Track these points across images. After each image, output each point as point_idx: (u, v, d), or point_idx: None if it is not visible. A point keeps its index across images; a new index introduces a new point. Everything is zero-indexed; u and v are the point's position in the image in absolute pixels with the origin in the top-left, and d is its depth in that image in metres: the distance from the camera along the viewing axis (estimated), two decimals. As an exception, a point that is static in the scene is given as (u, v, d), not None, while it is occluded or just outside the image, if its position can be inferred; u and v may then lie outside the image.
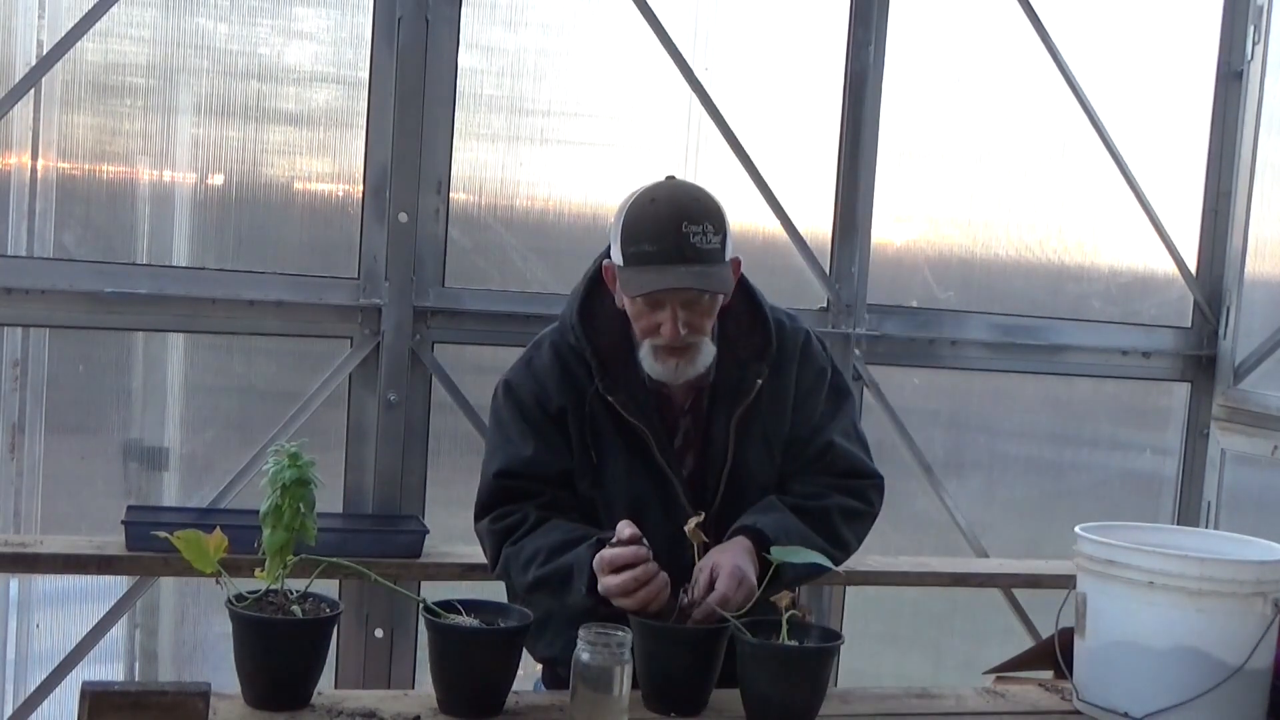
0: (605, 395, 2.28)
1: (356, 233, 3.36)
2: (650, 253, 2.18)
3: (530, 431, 2.31)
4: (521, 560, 2.24)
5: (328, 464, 2.61)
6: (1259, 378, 4.03)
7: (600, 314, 2.34)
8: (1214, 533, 2.35)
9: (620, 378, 2.30)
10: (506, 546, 2.28)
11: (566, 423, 2.31)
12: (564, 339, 2.35)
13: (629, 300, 2.25)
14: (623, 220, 2.24)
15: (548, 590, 2.21)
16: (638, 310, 2.24)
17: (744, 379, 2.33)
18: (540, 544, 2.23)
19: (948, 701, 2.26)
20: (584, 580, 2.13)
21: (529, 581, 2.23)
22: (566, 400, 2.31)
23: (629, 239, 2.21)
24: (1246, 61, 4.08)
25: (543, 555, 2.22)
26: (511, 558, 2.27)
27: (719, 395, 2.34)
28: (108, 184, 3.28)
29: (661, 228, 2.18)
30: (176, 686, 1.78)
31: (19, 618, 3.39)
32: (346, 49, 3.39)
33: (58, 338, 3.29)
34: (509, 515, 2.29)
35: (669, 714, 2.03)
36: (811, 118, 3.76)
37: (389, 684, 3.37)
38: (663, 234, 2.18)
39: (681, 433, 2.36)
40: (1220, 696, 2.03)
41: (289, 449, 1.97)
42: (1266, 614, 2.06)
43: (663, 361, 2.25)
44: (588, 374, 2.30)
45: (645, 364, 2.27)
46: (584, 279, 2.40)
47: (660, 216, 2.20)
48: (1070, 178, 4.02)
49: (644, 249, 2.19)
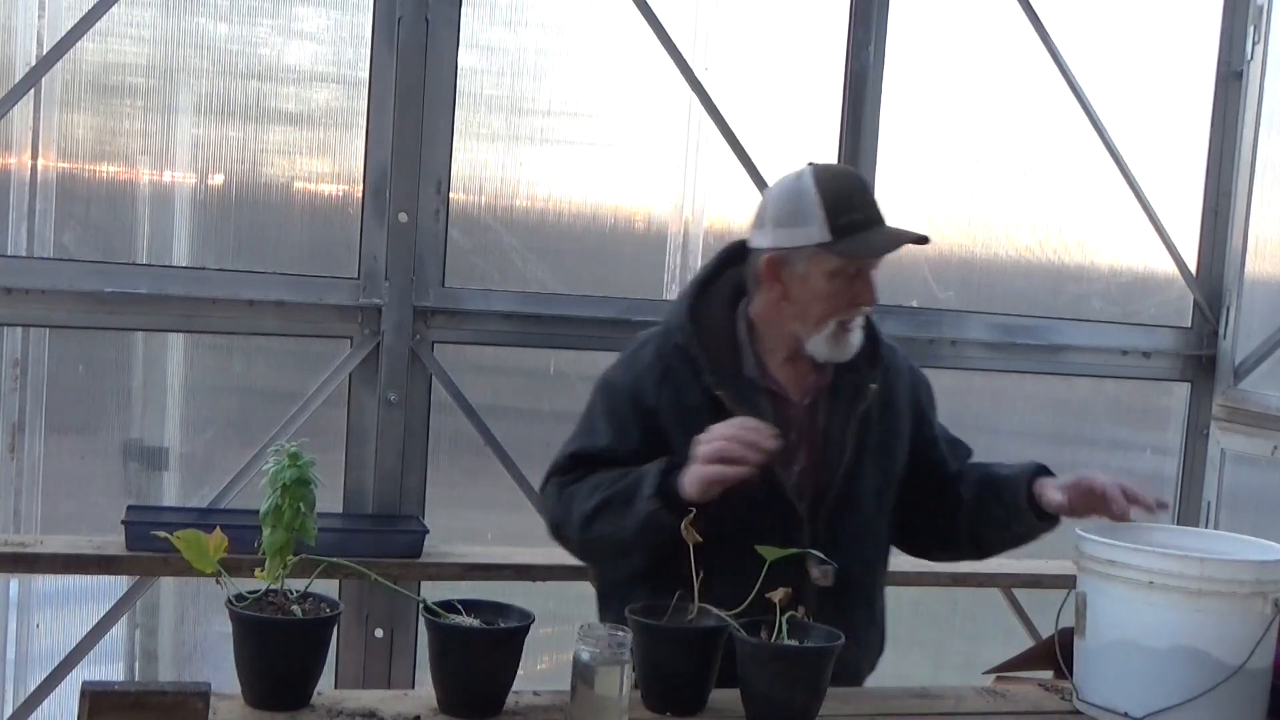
0: (714, 390, 2.31)
1: (356, 233, 3.36)
2: (862, 220, 2.31)
3: (612, 426, 2.35)
4: (585, 490, 2.27)
5: (328, 464, 2.61)
6: (1259, 378, 4.03)
7: (708, 316, 2.40)
8: (1212, 532, 2.35)
9: (728, 375, 2.34)
10: (569, 488, 2.30)
11: (658, 421, 2.33)
12: (669, 340, 2.39)
13: (824, 278, 2.30)
14: (819, 200, 2.29)
15: (610, 511, 2.22)
16: (835, 287, 2.30)
17: (860, 382, 2.39)
18: (605, 476, 2.28)
19: (948, 701, 2.26)
20: (652, 485, 2.17)
21: (591, 508, 2.24)
22: (661, 400, 2.33)
23: (836, 212, 2.28)
24: (1246, 61, 4.08)
25: (608, 482, 2.26)
26: (574, 493, 2.28)
27: (838, 396, 2.39)
28: (108, 184, 3.28)
29: (863, 197, 2.34)
30: (176, 686, 1.78)
31: (19, 618, 3.39)
32: (346, 49, 3.39)
33: (58, 338, 3.29)
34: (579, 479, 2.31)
35: (668, 714, 2.03)
36: (811, 118, 3.76)
37: (389, 684, 3.37)
38: (866, 202, 2.33)
39: (795, 430, 2.36)
40: (1220, 696, 2.03)
41: (289, 449, 1.97)
42: (1266, 614, 2.06)
43: (841, 339, 2.33)
44: (692, 373, 2.34)
45: (822, 349, 2.34)
46: (693, 284, 2.46)
47: (857, 187, 2.36)
48: (1070, 178, 4.01)
49: (855, 217, 2.30)
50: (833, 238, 2.29)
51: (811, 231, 2.29)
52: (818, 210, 2.29)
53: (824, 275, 2.31)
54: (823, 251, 2.29)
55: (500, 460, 3.51)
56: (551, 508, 2.36)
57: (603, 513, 2.24)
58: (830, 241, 2.29)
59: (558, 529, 2.36)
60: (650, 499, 2.17)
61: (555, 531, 2.38)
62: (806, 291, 2.32)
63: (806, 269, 2.31)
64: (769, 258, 2.35)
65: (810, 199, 2.30)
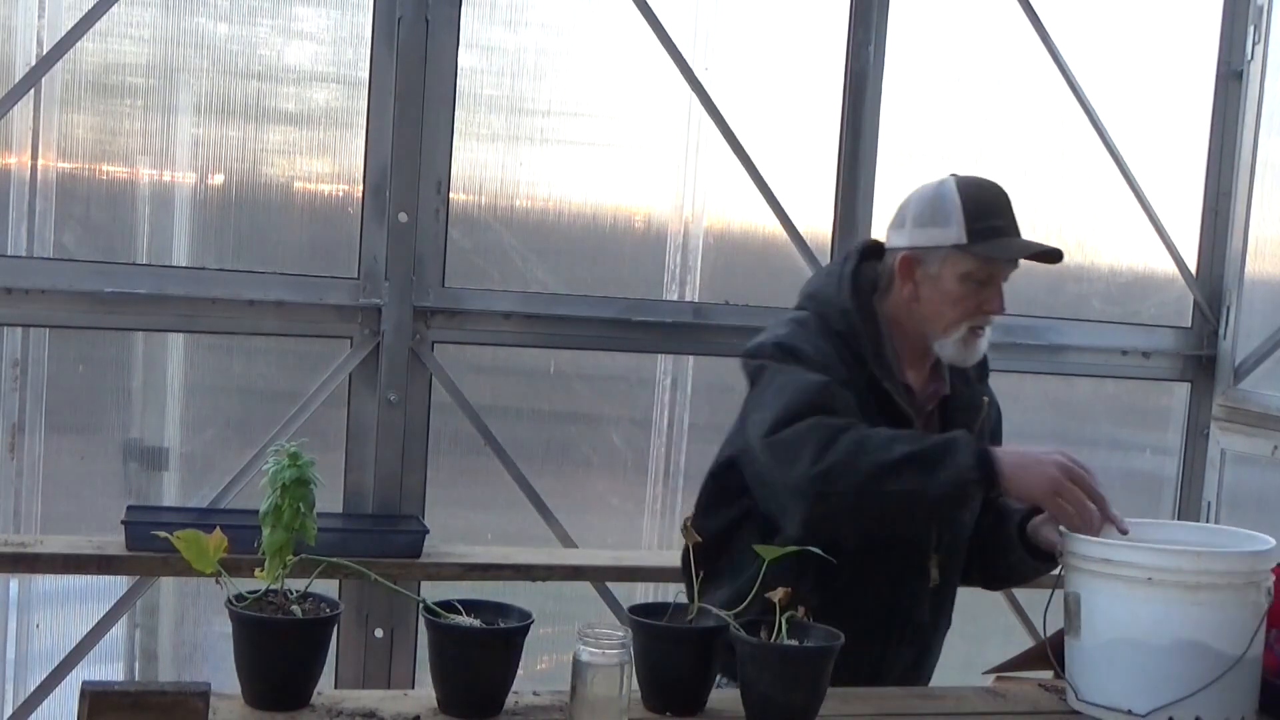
0: (881, 382, 2.34)
1: (356, 233, 3.36)
2: (1002, 226, 2.37)
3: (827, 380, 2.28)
4: (879, 440, 2.18)
5: (328, 464, 2.61)
6: (1259, 378, 4.03)
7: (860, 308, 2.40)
8: (1195, 524, 2.37)
9: (889, 368, 2.37)
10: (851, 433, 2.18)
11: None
12: (827, 324, 2.38)
13: (956, 279, 2.35)
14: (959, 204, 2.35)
15: (917, 465, 2.15)
16: (965, 290, 2.36)
17: (973, 395, 2.45)
18: (900, 431, 2.24)
19: (948, 702, 2.26)
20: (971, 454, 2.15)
21: (896, 457, 2.15)
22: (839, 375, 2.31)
23: (977, 216, 2.35)
24: (1246, 61, 4.08)
25: (909, 437, 2.21)
26: (862, 441, 2.17)
27: (954, 407, 2.43)
28: (108, 184, 3.28)
29: (1003, 207, 2.40)
30: (176, 686, 1.78)
31: (19, 618, 3.39)
32: (346, 49, 3.39)
33: (58, 338, 3.29)
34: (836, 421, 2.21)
35: (668, 714, 2.03)
36: (811, 118, 3.76)
37: (389, 684, 3.37)
38: (1005, 211, 2.39)
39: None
40: (1221, 686, 2.04)
41: (289, 449, 1.97)
42: (1260, 603, 2.07)
43: (969, 345, 2.38)
44: (855, 359, 2.35)
45: (950, 350, 2.38)
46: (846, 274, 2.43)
47: (1000, 198, 2.41)
48: (1070, 178, 4.01)
49: (995, 224, 2.36)
50: (969, 240, 2.35)
51: (949, 233, 2.36)
52: (957, 213, 2.36)
53: (956, 277, 2.36)
54: (957, 253, 2.36)
55: (500, 460, 3.51)
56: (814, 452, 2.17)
57: (910, 463, 2.16)
58: (966, 243, 2.35)
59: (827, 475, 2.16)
60: (972, 468, 2.15)
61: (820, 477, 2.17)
62: (938, 293, 2.38)
63: (940, 270, 2.37)
64: (904, 255, 2.40)
65: (951, 202, 2.37)
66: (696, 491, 2.52)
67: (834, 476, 2.16)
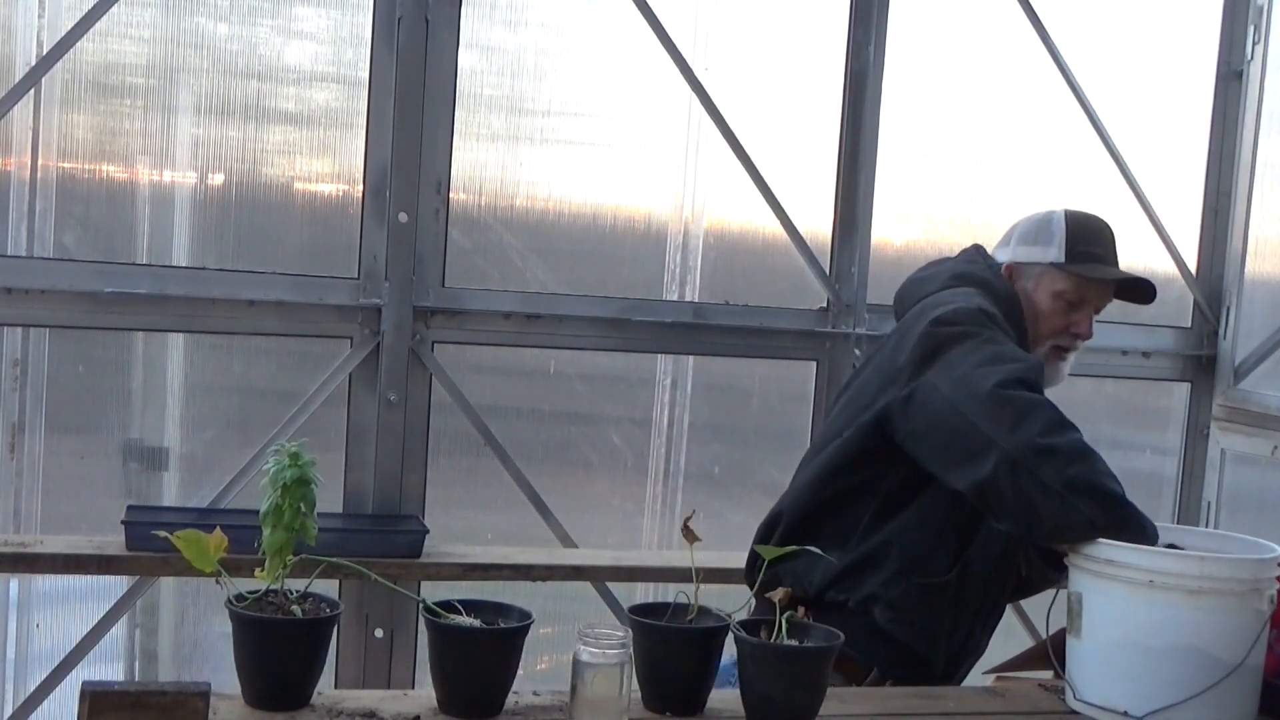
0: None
1: (356, 233, 3.36)
2: (1101, 254, 2.57)
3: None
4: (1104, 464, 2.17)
5: (328, 464, 2.61)
6: (1259, 378, 4.03)
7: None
8: (1202, 530, 2.36)
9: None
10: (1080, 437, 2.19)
11: None
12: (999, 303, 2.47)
13: (1049, 296, 2.54)
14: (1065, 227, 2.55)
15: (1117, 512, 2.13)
16: (1056, 308, 2.54)
17: None
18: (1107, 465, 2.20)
19: (948, 702, 2.26)
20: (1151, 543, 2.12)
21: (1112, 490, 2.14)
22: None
23: (1079, 240, 2.54)
24: (1246, 61, 4.08)
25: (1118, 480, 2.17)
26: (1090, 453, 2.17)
27: None
28: (108, 184, 3.28)
29: (1108, 238, 2.60)
30: (176, 686, 1.78)
31: (19, 618, 3.39)
32: (346, 49, 3.39)
33: (58, 338, 3.29)
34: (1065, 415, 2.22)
35: (668, 714, 2.03)
36: (811, 118, 3.76)
37: (389, 684, 3.37)
38: (1107, 242, 2.59)
39: None
40: (1219, 693, 2.04)
41: (289, 448, 1.97)
42: (1262, 610, 2.07)
43: (1054, 364, 2.56)
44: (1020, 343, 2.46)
45: None
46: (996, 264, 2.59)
47: (1104, 231, 2.60)
48: (1070, 178, 4.01)
49: (1095, 250, 2.56)
50: (1066, 260, 2.53)
51: (1050, 251, 2.55)
52: (1061, 234, 2.55)
53: (1049, 294, 2.54)
54: (1054, 270, 2.54)
55: (500, 460, 3.51)
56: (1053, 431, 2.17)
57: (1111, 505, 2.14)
58: (1063, 262, 2.53)
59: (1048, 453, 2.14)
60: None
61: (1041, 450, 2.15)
62: (1030, 307, 2.55)
63: (1036, 285, 2.55)
64: (1007, 266, 2.58)
65: (1057, 224, 2.57)
66: (696, 491, 2.54)
67: (1053, 459, 2.14)
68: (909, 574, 2.38)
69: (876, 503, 2.42)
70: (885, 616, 2.38)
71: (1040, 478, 2.14)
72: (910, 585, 2.38)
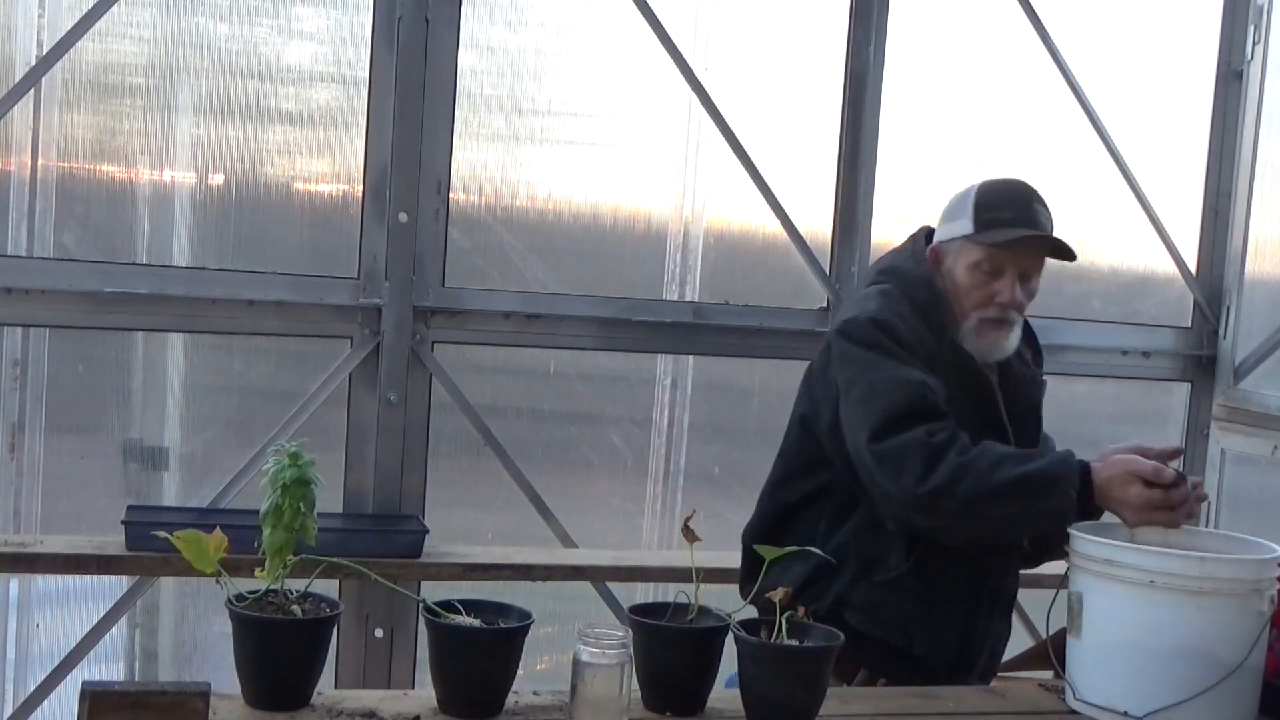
0: (961, 343, 2.42)
1: (356, 233, 3.36)
2: (1009, 218, 2.42)
3: (918, 362, 2.38)
4: (988, 461, 2.24)
5: (328, 464, 2.61)
6: (1259, 378, 4.03)
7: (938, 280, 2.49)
8: (1201, 530, 2.36)
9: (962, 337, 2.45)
10: (954, 455, 2.24)
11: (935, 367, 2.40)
12: (910, 293, 2.46)
13: (965, 269, 2.43)
14: (974, 198, 2.46)
15: (1023, 490, 2.22)
16: (976, 279, 2.43)
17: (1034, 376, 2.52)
18: (1004, 451, 2.29)
19: (947, 702, 2.26)
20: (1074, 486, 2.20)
21: (1001, 481, 2.21)
22: (926, 348, 2.41)
23: (985, 208, 2.43)
24: (1246, 61, 4.08)
25: (1014, 459, 2.25)
26: (968, 463, 2.23)
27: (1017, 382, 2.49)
28: (108, 184, 3.28)
29: (1017, 199, 2.45)
30: (176, 686, 1.78)
31: (19, 618, 3.39)
32: (346, 49, 3.39)
33: (58, 338, 3.29)
34: (941, 431, 2.28)
35: (668, 714, 2.03)
36: (811, 118, 3.76)
37: (389, 684, 3.37)
38: (1018, 204, 2.44)
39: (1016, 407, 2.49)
40: (1219, 693, 2.04)
41: (289, 448, 1.97)
42: (1263, 611, 2.07)
43: (986, 335, 2.43)
44: (938, 328, 2.43)
45: (967, 341, 2.42)
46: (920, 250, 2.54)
47: (1016, 191, 2.47)
48: (1070, 178, 4.01)
49: (1003, 215, 2.42)
50: (974, 229, 2.44)
51: (962, 224, 2.46)
52: (970, 205, 2.46)
53: (965, 268, 2.45)
54: (967, 243, 2.45)
55: (500, 460, 3.51)
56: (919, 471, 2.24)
57: (1017, 489, 2.22)
58: (972, 233, 2.44)
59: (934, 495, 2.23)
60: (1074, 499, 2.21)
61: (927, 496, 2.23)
62: (953, 284, 2.46)
63: (954, 262, 2.47)
64: (931, 249, 2.52)
65: (969, 196, 2.48)
66: (696, 491, 2.55)
67: (941, 496, 2.23)
68: (868, 573, 2.41)
69: (830, 507, 2.46)
70: (856, 618, 2.38)
71: (946, 512, 2.25)
72: (871, 584, 2.40)
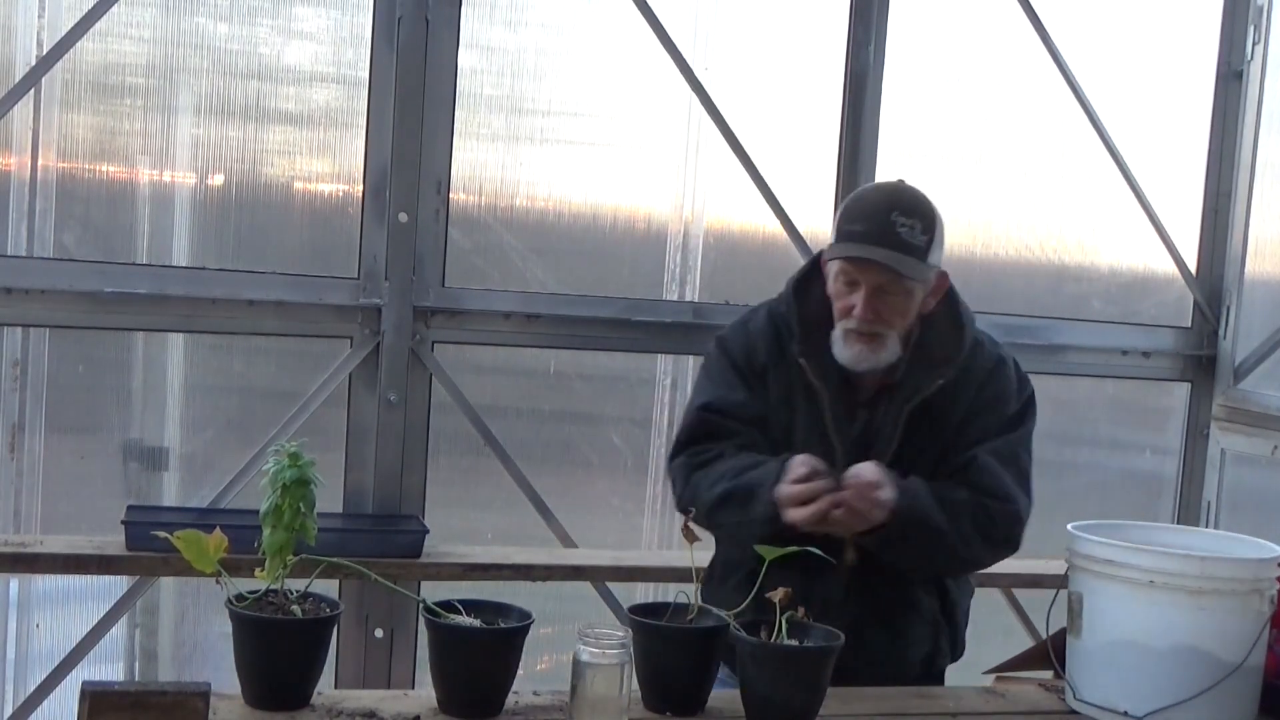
0: (800, 358, 2.46)
1: (356, 233, 3.36)
2: (858, 231, 2.39)
3: (737, 379, 2.52)
4: (710, 478, 2.42)
5: (328, 464, 2.61)
6: (1259, 378, 4.03)
7: (813, 294, 2.52)
8: (1201, 530, 2.36)
9: (817, 348, 2.47)
10: (697, 473, 2.45)
11: (768, 379, 2.50)
12: (778, 307, 2.56)
13: (831, 279, 2.45)
14: (844, 204, 2.50)
15: (734, 503, 2.36)
16: (837, 290, 2.44)
17: (927, 380, 2.46)
18: (730, 465, 2.42)
19: (947, 702, 2.26)
20: (769, 492, 2.29)
21: (716, 496, 2.38)
22: (770, 360, 2.51)
23: (844, 218, 2.44)
24: (1246, 61, 4.08)
25: (731, 473, 2.39)
26: (701, 479, 2.44)
27: (900, 392, 2.46)
28: (108, 184, 3.28)
29: (872, 211, 2.42)
30: (176, 686, 1.78)
31: (19, 618, 3.39)
32: (346, 49, 3.38)
33: (58, 338, 3.29)
34: (705, 452, 2.47)
35: (668, 714, 2.03)
36: (811, 118, 3.76)
37: (389, 684, 3.37)
38: (871, 216, 2.40)
39: (861, 421, 2.47)
40: (1219, 693, 2.04)
41: (289, 449, 1.97)
42: (1263, 610, 2.07)
43: (849, 346, 2.42)
44: (786, 336, 2.51)
45: (835, 348, 2.43)
46: (807, 262, 2.61)
47: (873, 201, 2.46)
48: (1070, 178, 4.01)
49: (854, 228, 2.40)
50: (834, 239, 2.45)
51: (831, 232, 2.48)
52: (838, 215, 2.48)
53: (831, 277, 2.47)
54: (830, 253, 2.47)
55: (500, 460, 3.51)
56: (679, 486, 2.51)
57: (727, 504, 2.37)
58: (831, 244, 2.46)
59: (684, 507, 2.47)
60: (770, 503, 2.28)
61: (681, 507, 2.50)
62: (830, 288, 2.48)
63: (827, 271, 2.48)
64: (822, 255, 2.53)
65: (843, 203, 2.51)
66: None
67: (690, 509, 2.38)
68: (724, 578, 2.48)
69: None
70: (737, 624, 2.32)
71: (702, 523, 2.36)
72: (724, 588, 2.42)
